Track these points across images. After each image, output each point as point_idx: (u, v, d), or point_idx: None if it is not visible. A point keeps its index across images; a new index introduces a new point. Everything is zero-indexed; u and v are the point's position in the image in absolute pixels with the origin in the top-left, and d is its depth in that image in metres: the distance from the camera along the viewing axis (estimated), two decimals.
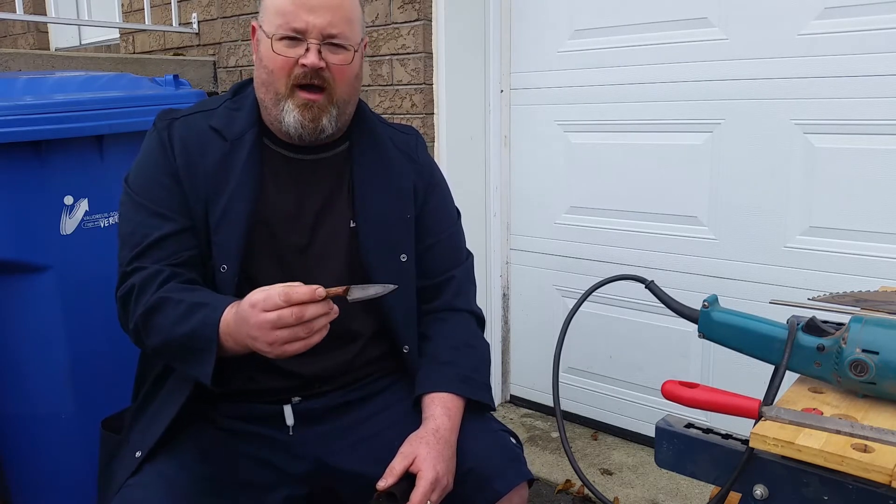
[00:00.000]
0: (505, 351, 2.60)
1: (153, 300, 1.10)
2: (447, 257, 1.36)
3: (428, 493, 1.07)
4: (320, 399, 1.26)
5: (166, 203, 1.18)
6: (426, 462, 1.09)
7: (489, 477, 1.15)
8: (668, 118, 2.07)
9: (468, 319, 1.35)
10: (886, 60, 1.70)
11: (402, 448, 1.13)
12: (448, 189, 1.43)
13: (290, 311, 0.96)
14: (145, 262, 1.15)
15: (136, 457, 1.12)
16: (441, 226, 1.37)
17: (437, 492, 1.09)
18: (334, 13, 1.17)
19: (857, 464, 0.71)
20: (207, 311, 1.06)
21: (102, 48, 3.96)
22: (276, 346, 0.98)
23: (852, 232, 1.81)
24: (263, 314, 0.97)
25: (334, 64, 1.18)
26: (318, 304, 0.98)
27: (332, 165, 1.29)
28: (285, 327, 0.97)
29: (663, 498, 2.01)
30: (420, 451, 1.11)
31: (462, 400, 1.22)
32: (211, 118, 1.24)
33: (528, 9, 2.31)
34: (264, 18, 1.20)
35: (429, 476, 1.08)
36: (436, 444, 1.13)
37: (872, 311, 0.97)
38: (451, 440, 1.16)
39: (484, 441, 1.20)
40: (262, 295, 0.98)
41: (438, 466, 1.10)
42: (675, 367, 2.18)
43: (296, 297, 0.96)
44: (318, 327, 0.99)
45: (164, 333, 1.09)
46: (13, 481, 1.77)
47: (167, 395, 1.19)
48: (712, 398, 0.90)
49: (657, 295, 1.04)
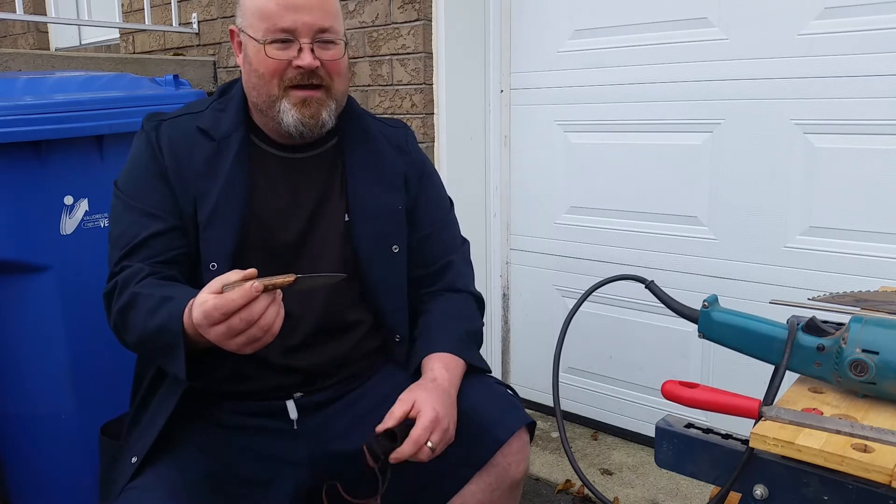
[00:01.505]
0: (505, 351, 2.60)
1: (127, 296, 1.10)
2: (444, 245, 1.38)
3: (428, 430, 1.07)
4: (321, 393, 1.26)
5: (156, 203, 1.19)
6: (425, 403, 1.09)
7: (489, 425, 1.17)
8: (668, 118, 2.07)
9: (467, 298, 1.37)
10: (886, 60, 1.70)
11: (402, 395, 1.13)
12: (440, 179, 1.45)
13: (236, 318, 0.93)
14: (132, 262, 1.15)
15: (133, 462, 1.12)
16: (435, 215, 1.39)
17: (438, 433, 1.08)
18: (321, 8, 1.17)
19: (857, 464, 0.71)
20: (172, 305, 1.03)
21: (102, 48, 3.96)
22: (242, 348, 0.96)
23: (852, 232, 1.80)
24: (213, 329, 0.94)
25: (328, 60, 1.19)
26: (263, 299, 0.94)
27: (323, 161, 1.29)
28: (239, 333, 0.94)
29: (663, 498, 2.01)
30: (419, 395, 1.11)
31: (460, 360, 1.23)
32: (198, 119, 1.25)
33: (528, 9, 2.31)
34: (246, 23, 1.20)
35: (428, 415, 1.08)
36: (434, 390, 1.13)
37: (872, 311, 0.97)
38: (451, 392, 1.16)
39: (481, 393, 1.22)
40: (200, 313, 0.94)
41: (438, 407, 1.09)
42: (675, 367, 2.18)
43: (232, 307, 0.92)
44: (271, 319, 0.95)
45: (138, 329, 1.08)
46: (13, 481, 1.77)
47: (162, 398, 1.19)
48: (712, 398, 0.90)
49: (657, 295, 1.04)
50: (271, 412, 1.23)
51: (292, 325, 1.23)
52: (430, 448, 1.07)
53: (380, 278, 1.29)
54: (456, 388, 1.19)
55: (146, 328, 1.06)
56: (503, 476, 1.17)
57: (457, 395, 1.18)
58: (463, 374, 1.23)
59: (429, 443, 1.07)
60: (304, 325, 1.24)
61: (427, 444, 1.07)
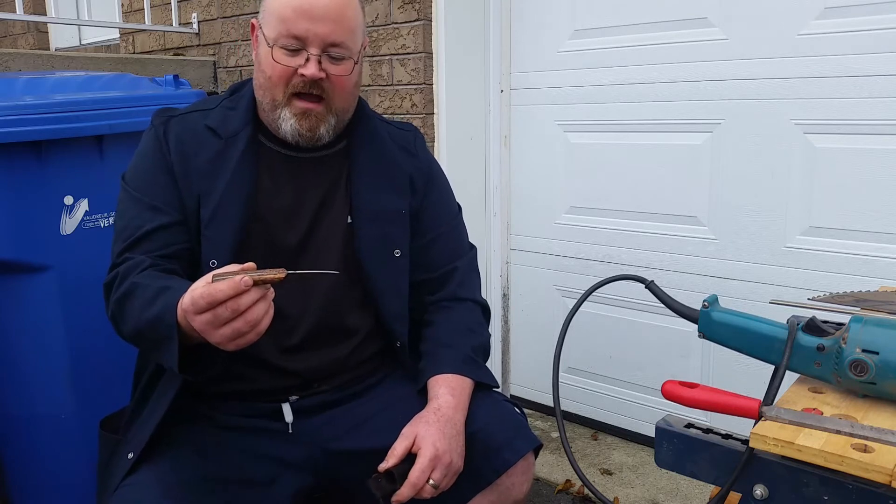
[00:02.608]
0: (505, 351, 2.60)
1: (126, 286, 1.09)
2: (449, 250, 1.36)
3: (427, 470, 1.06)
4: (317, 397, 1.26)
5: (161, 197, 1.19)
6: (425, 440, 1.08)
7: (497, 447, 1.16)
8: (668, 118, 2.07)
9: (472, 308, 1.35)
10: (886, 60, 1.70)
11: (404, 430, 1.12)
12: (448, 184, 1.43)
13: (222, 308, 0.91)
14: (134, 254, 1.15)
15: (129, 458, 1.12)
16: (441, 220, 1.37)
17: (440, 470, 1.07)
18: (337, 23, 1.16)
19: (857, 464, 0.71)
20: (169, 295, 1.02)
21: (102, 48, 3.96)
22: (227, 342, 0.94)
23: (852, 232, 1.80)
24: (199, 317, 0.93)
25: (334, 75, 1.18)
26: (251, 293, 0.92)
27: (330, 163, 1.29)
28: (225, 324, 0.92)
29: (663, 498, 2.01)
30: (420, 429, 1.10)
31: (467, 380, 1.21)
32: (207, 117, 1.25)
33: (528, 9, 2.31)
34: (265, 20, 1.19)
35: (428, 453, 1.07)
36: (436, 422, 1.11)
37: (872, 311, 0.97)
38: (456, 419, 1.14)
39: (489, 412, 1.20)
40: (188, 298, 0.94)
41: (439, 444, 1.08)
42: (675, 367, 2.18)
43: (220, 296, 0.90)
44: (259, 315, 0.93)
45: (134, 320, 1.07)
46: (14, 481, 1.77)
47: (160, 394, 1.19)
48: (712, 398, 0.90)
49: (657, 295, 1.04)
50: (268, 414, 1.23)
51: (290, 327, 1.23)
52: (432, 486, 1.06)
53: (381, 282, 1.28)
54: (463, 413, 1.17)
55: (141, 319, 1.05)
56: (505, 496, 1.17)
57: (465, 416, 1.16)
58: (471, 394, 1.21)
59: (430, 481, 1.06)
60: (303, 327, 1.23)
61: (429, 482, 1.06)
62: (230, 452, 1.20)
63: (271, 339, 1.20)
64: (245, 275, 0.91)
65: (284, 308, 1.21)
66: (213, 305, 0.91)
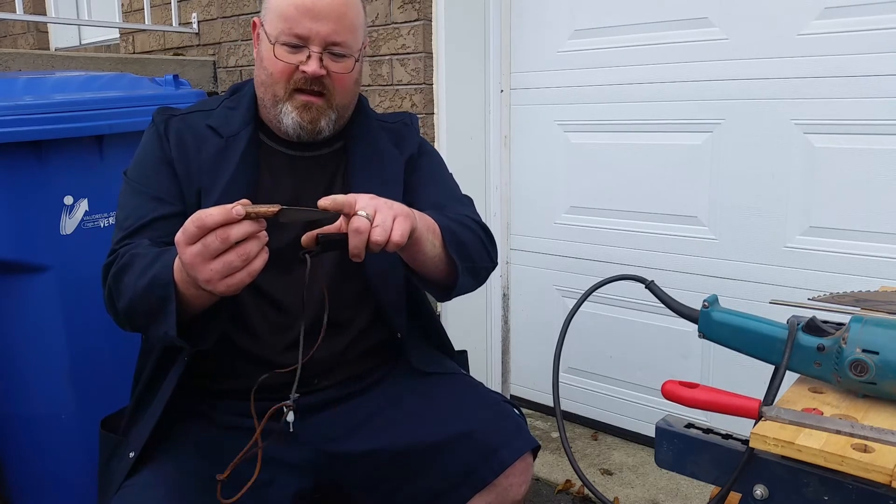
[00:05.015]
0: (505, 351, 2.60)
1: (125, 258, 1.09)
2: (447, 198, 1.32)
3: (360, 199, 0.97)
4: (319, 394, 1.26)
5: (163, 188, 1.20)
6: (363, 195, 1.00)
7: (494, 447, 1.16)
8: (668, 118, 2.07)
9: (470, 221, 1.27)
10: (886, 60, 1.70)
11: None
12: (442, 162, 1.42)
13: (212, 236, 0.89)
14: (134, 241, 1.15)
15: (130, 457, 1.12)
16: (437, 188, 1.33)
17: (374, 204, 0.97)
18: (338, 21, 1.17)
19: (857, 464, 0.71)
20: (166, 256, 1.01)
21: (102, 48, 3.96)
22: (218, 282, 0.91)
23: (852, 232, 1.80)
24: (189, 248, 0.91)
25: (335, 72, 1.19)
26: (243, 224, 0.90)
27: (328, 162, 1.30)
28: (216, 257, 0.90)
29: (663, 498, 2.01)
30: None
31: (436, 226, 1.12)
32: (209, 117, 1.26)
33: (528, 9, 2.31)
34: (267, 17, 1.20)
35: (364, 196, 0.98)
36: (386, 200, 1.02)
37: (872, 311, 0.97)
38: (412, 213, 1.04)
39: (487, 412, 1.21)
40: (180, 231, 0.91)
41: (378, 200, 0.99)
42: (675, 367, 2.17)
43: (209, 221, 0.89)
44: (252, 251, 0.91)
45: (131, 290, 1.05)
46: (14, 481, 1.77)
47: (161, 392, 1.19)
48: (712, 398, 0.90)
49: (657, 295, 1.04)
50: (267, 412, 1.23)
51: (289, 322, 1.23)
52: (363, 216, 0.96)
53: (379, 275, 1.28)
54: (423, 223, 1.06)
55: (137, 287, 1.03)
56: (504, 496, 1.17)
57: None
58: (434, 232, 1.11)
59: (361, 212, 0.96)
60: (302, 320, 1.23)
61: (360, 213, 0.96)
62: (230, 453, 1.20)
63: (271, 337, 1.21)
64: (237, 204, 0.90)
65: (283, 301, 1.22)
66: (204, 232, 0.89)
